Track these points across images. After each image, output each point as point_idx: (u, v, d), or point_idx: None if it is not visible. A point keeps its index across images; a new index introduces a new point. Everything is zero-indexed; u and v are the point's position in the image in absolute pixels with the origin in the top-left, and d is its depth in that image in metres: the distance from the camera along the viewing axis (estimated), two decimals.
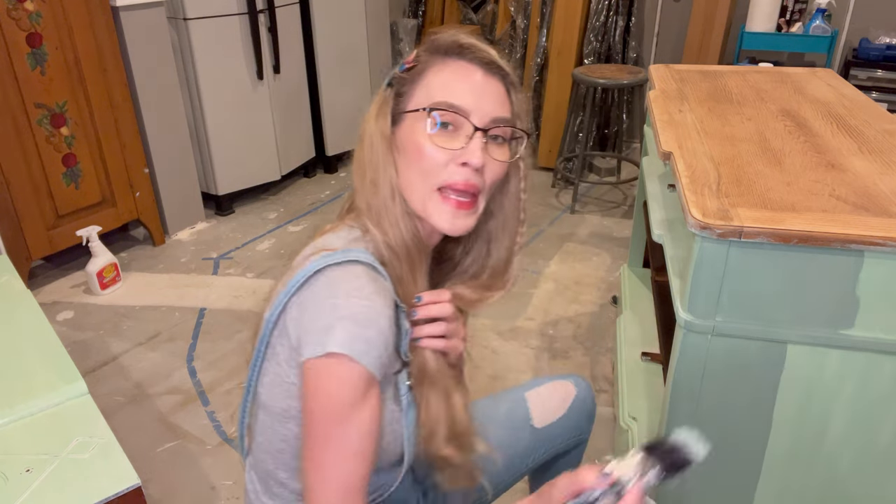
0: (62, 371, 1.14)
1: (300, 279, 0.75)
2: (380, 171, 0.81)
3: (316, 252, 0.77)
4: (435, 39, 0.83)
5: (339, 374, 0.71)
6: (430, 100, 0.80)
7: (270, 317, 0.78)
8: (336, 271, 0.74)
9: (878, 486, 1.16)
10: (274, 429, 0.82)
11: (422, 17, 4.00)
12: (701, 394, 1.13)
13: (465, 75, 0.80)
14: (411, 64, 0.83)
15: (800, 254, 0.99)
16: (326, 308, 0.72)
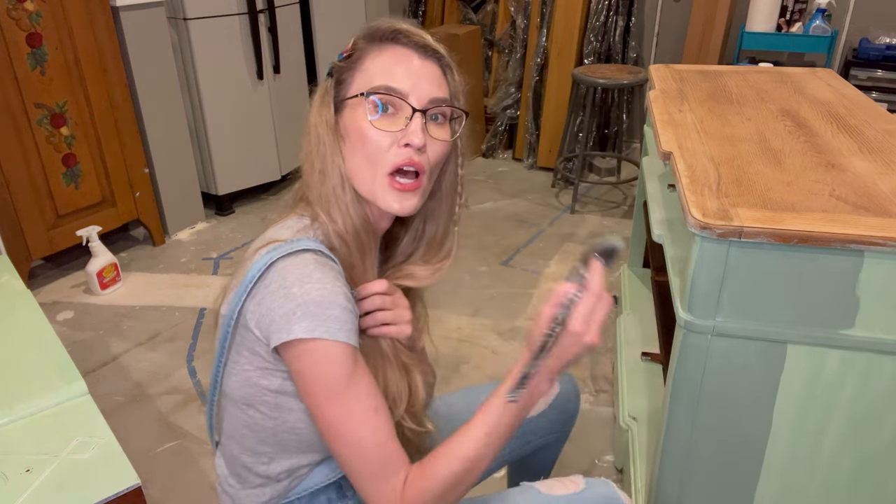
0: (62, 371, 1.14)
1: (254, 275, 0.77)
2: (327, 160, 0.83)
3: (265, 244, 0.79)
4: (371, 26, 0.85)
5: (323, 358, 0.74)
6: (368, 85, 0.81)
7: (230, 314, 0.80)
8: (285, 262, 0.76)
9: (878, 486, 1.16)
10: (237, 416, 0.86)
11: (422, 17, 4.00)
12: (701, 394, 1.13)
13: (401, 59, 0.82)
14: (349, 52, 0.84)
15: (800, 254, 0.99)
16: (281, 298, 0.74)
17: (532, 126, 3.62)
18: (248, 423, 0.86)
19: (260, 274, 0.77)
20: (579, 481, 0.99)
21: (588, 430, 1.82)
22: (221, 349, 0.83)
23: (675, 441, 1.18)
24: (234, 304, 0.79)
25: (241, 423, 0.87)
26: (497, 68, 3.85)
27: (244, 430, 0.87)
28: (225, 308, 0.82)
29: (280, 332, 0.74)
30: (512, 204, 3.24)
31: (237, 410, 0.86)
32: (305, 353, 0.74)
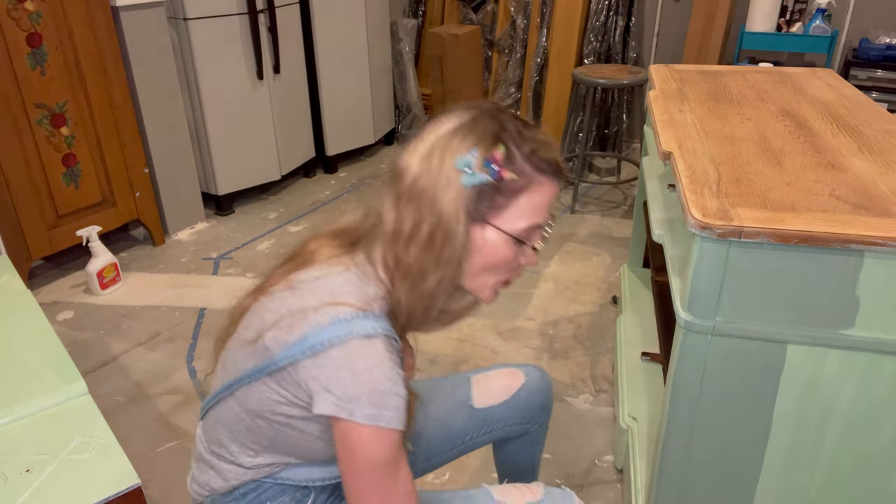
0: (62, 371, 1.14)
1: (322, 342, 0.76)
2: (442, 267, 0.81)
3: (330, 304, 0.78)
4: (539, 156, 0.81)
5: (373, 441, 0.77)
6: (524, 221, 0.82)
7: (280, 359, 0.80)
8: (359, 344, 0.77)
9: (878, 486, 1.16)
10: (240, 417, 0.87)
11: (422, 17, 4.01)
12: (701, 394, 1.13)
13: (552, 195, 0.85)
14: (509, 178, 0.80)
15: (800, 254, 0.99)
16: (348, 379, 0.76)
17: None
18: (249, 427, 0.87)
19: (328, 343, 0.77)
20: (538, 490, 1.00)
21: (588, 430, 1.82)
22: (254, 373, 0.83)
23: (675, 441, 1.18)
24: (288, 354, 0.79)
25: (242, 424, 0.88)
26: (497, 68, 3.85)
27: (241, 429, 0.88)
28: (273, 345, 0.81)
29: (340, 410, 0.76)
30: None
31: (243, 413, 0.87)
32: (358, 434, 0.77)
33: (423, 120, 3.88)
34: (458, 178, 0.78)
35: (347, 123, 3.57)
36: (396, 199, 0.81)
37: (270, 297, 0.85)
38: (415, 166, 0.80)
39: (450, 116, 0.83)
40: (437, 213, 0.79)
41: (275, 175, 3.26)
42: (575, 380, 2.01)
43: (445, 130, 0.81)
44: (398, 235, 0.81)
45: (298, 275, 0.85)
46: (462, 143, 0.79)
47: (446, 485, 1.65)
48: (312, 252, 0.88)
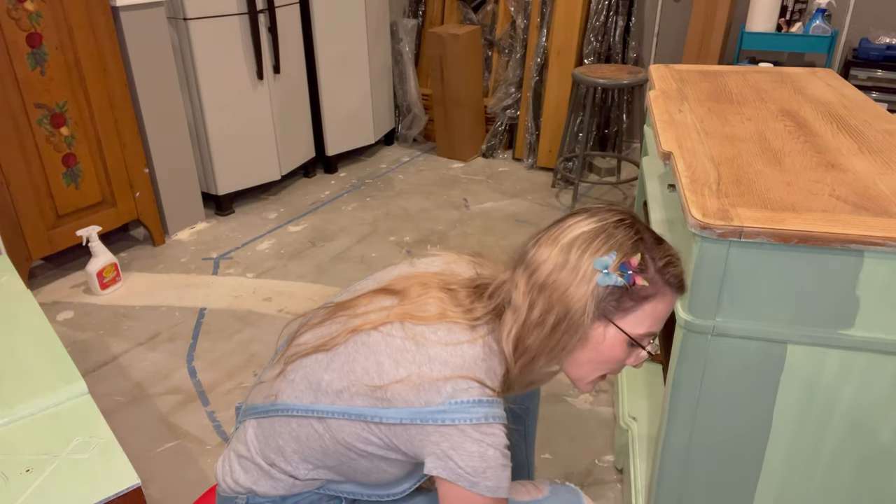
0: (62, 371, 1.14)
1: (451, 418, 0.81)
2: (557, 352, 0.87)
3: (462, 378, 0.83)
4: (669, 269, 0.87)
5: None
6: (644, 327, 0.87)
7: (396, 416, 0.84)
8: (489, 429, 0.82)
9: (878, 486, 1.16)
10: (322, 440, 0.90)
11: (422, 17, 4.00)
12: (701, 394, 1.13)
13: (670, 306, 0.90)
14: (641, 284, 0.85)
15: (800, 254, 0.99)
16: (479, 456, 0.82)
17: (532, 126, 3.62)
18: (326, 449, 0.90)
19: (448, 421, 0.82)
20: (544, 488, 1.02)
21: (588, 430, 1.82)
22: (362, 415, 0.85)
23: (675, 441, 1.18)
24: (415, 415, 0.83)
25: (319, 444, 0.90)
26: (497, 68, 3.85)
27: (316, 448, 0.91)
28: (395, 399, 0.84)
29: (461, 479, 0.82)
30: (512, 204, 3.24)
31: (327, 438, 0.89)
32: (471, 501, 0.83)
33: (423, 120, 3.88)
34: (593, 276, 0.83)
35: (347, 123, 3.57)
36: (530, 286, 0.85)
37: (384, 339, 0.87)
38: (553, 258, 0.85)
39: (593, 217, 0.87)
40: (567, 305, 0.84)
41: (275, 175, 3.26)
42: None
43: (588, 230, 0.85)
44: (526, 320, 0.85)
45: (420, 326, 0.87)
46: (603, 245, 0.84)
47: None
48: (427, 297, 0.89)
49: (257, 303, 2.44)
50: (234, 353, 2.17)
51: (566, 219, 0.90)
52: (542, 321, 0.84)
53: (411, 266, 1.00)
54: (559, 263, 0.84)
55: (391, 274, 0.99)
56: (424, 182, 3.51)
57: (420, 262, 1.01)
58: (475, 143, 3.82)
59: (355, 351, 0.88)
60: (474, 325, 0.88)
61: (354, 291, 0.98)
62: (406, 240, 2.90)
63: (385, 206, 3.23)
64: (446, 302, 0.89)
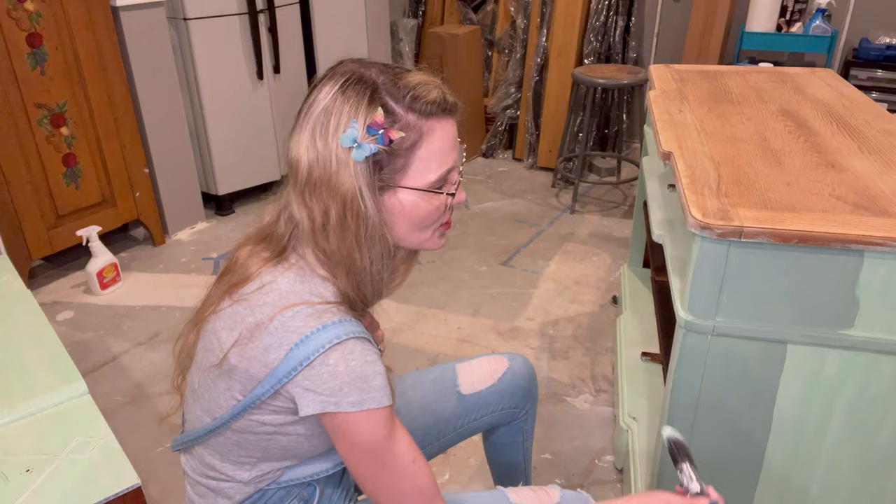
0: (62, 371, 1.14)
1: (299, 362, 0.77)
2: (367, 244, 0.80)
3: (286, 308, 0.78)
4: (421, 101, 0.78)
5: (367, 423, 0.78)
6: (432, 173, 0.80)
7: (269, 385, 0.79)
8: (333, 351, 0.77)
9: (878, 486, 1.16)
10: (227, 438, 0.87)
11: (422, 17, 4.00)
12: (701, 394, 1.13)
13: (449, 133, 0.82)
14: (398, 136, 0.77)
15: (800, 254, 0.99)
16: (329, 375, 0.77)
17: (532, 126, 3.62)
18: (237, 443, 0.87)
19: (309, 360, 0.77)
20: (555, 493, 0.99)
21: (588, 430, 1.82)
22: (250, 403, 0.82)
23: None
24: (275, 378, 0.78)
25: (229, 443, 0.87)
26: (497, 68, 3.85)
27: (230, 447, 0.88)
28: (246, 364, 0.80)
29: (326, 405, 0.77)
30: (512, 204, 3.24)
31: (229, 433, 0.87)
32: (353, 421, 0.78)
33: None
34: (348, 155, 0.76)
35: None
36: (300, 193, 0.80)
37: (219, 317, 0.84)
38: (304, 154, 0.78)
39: (319, 90, 0.79)
40: (340, 197, 0.77)
41: (275, 175, 3.26)
42: (575, 380, 2.01)
43: (319, 109, 0.77)
44: (314, 229, 0.80)
45: (241, 288, 0.83)
46: (340, 118, 0.76)
47: (446, 485, 1.65)
48: (245, 263, 0.86)
49: None
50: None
51: (308, 94, 0.81)
52: (327, 222, 0.78)
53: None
54: (312, 158, 0.77)
55: None
56: None
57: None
58: (475, 142, 3.82)
59: (203, 345, 0.87)
60: (281, 259, 0.84)
61: None
62: None
63: None
64: (261, 254, 0.86)
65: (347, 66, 0.80)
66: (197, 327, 0.90)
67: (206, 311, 0.88)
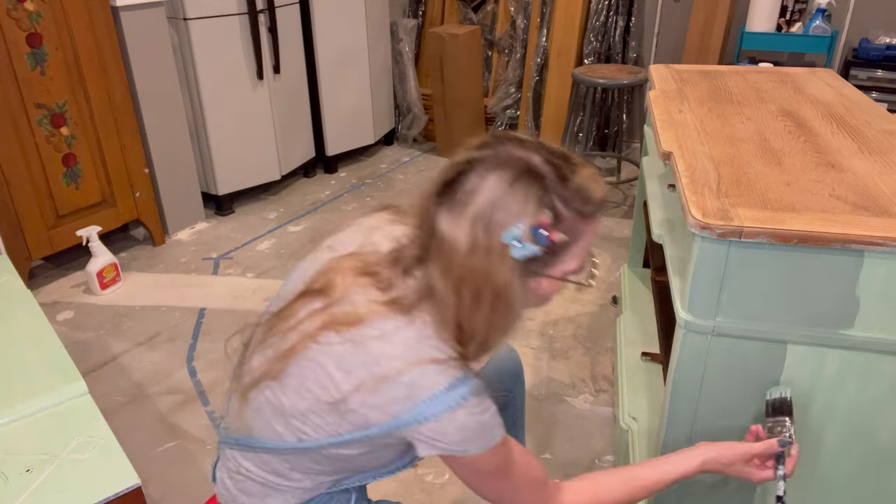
0: (62, 371, 1.14)
1: (424, 417, 0.79)
2: (507, 322, 0.82)
3: (416, 365, 0.79)
4: (586, 203, 0.79)
5: (492, 456, 0.85)
6: (574, 263, 0.83)
7: (383, 430, 0.82)
8: (458, 412, 0.80)
9: (878, 486, 1.16)
10: (312, 458, 0.89)
11: (422, 17, 4.00)
12: (701, 394, 1.13)
13: (597, 229, 0.84)
14: (560, 239, 0.78)
15: (800, 254, 0.99)
16: (456, 430, 0.81)
17: (532, 126, 3.62)
18: (318, 460, 0.89)
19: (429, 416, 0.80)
20: None
21: (588, 430, 1.82)
22: (351, 441, 0.84)
23: (675, 441, 1.18)
24: (394, 426, 0.81)
25: (311, 459, 0.89)
26: (497, 68, 3.85)
27: (308, 462, 0.90)
28: (366, 411, 0.81)
29: (452, 451, 0.82)
30: None
31: (319, 458, 0.89)
32: (476, 461, 0.84)
33: (423, 120, 3.88)
34: (506, 251, 0.76)
35: (347, 123, 3.57)
36: (448, 273, 0.78)
37: (326, 351, 0.83)
38: (462, 240, 0.76)
39: (483, 176, 0.77)
40: (492, 286, 0.77)
41: (275, 175, 3.26)
42: (575, 380, 2.01)
43: (484, 201, 0.76)
44: (459, 309, 0.80)
45: (352, 329, 0.82)
46: (506, 215, 0.75)
47: (446, 485, 1.65)
48: (349, 296, 0.84)
49: (257, 303, 2.44)
50: (235, 353, 2.16)
51: (461, 178, 0.78)
52: (474, 307, 0.79)
53: (331, 250, 0.94)
54: (469, 246, 0.76)
55: (314, 265, 0.94)
56: (424, 182, 3.51)
57: (338, 241, 0.95)
58: None
59: (303, 369, 0.85)
60: (403, 306, 0.83)
61: (286, 295, 0.95)
62: None
63: None
64: (369, 289, 0.85)
65: (513, 151, 0.78)
66: (283, 347, 0.87)
67: (298, 331, 0.86)
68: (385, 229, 0.93)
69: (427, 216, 0.80)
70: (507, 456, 0.87)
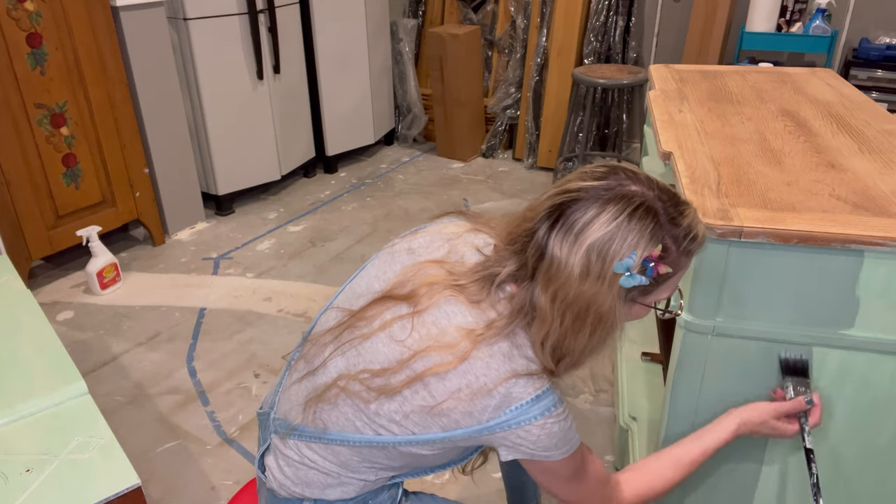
0: (62, 371, 1.14)
1: (515, 424, 0.84)
2: (601, 346, 0.86)
3: (510, 379, 0.83)
4: (692, 241, 0.83)
5: (571, 461, 0.90)
6: (666, 292, 0.87)
7: (467, 433, 0.86)
8: (545, 421, 0.85)
9: (878, 486, 1.16)
10: (388, 453, 0.91)
11: (422, 17, 4.00)
12: (701, 394, 1.13)
13: (691, 263, 0.90)
14: (665, 271, 0.83)
15: (800, 254, 0.99)
16: (545, 435, 0.86)
17: (532, 126, 3.62)
18: (389, 455, 0.91)
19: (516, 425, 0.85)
20: None
21: (588, 429, 1.82)
22: (435, 440, 0.87)
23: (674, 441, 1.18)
24: (479, 430, 0.85)
25: (382, 452, 0.91)
26: (497, 68, 3.85)
27: (382, 457, 0.92)
28: (455, 415, 0.85)
29: (535, 455, 0.87)
30: (512, 204, 3.24)
31: (395, 455, 0.91)
32: (557, 466, 0.89)
33: (423, 120, 3.88)
34: (616, 279, 0.80)
35: (347, 123, 3.57)
36: (554, 296, 0.82)
37: (422, 359, 0.87)
38: (576, 267, 0.80)
39: (602, 210, 0.80)
40: (597, 311, 0.82)
41: (275, 175, 3.26)
42: (575, 380, 2.01)
43: (604, 232, 0.80)
44: (561, 331, 0.83)
45: (453, 343, 0.85)
46: (622, 246, 0.80)
47: (446, 485, 1.65)
48: (441, 307, 0.87)
49: (257, 303, 2.44)
50: (234, 353, 2.16)
51: (577, 206, 0.81)
52: (576, 329, 0.83)
53: (411, 254, 0.96)
54: (582, 273, 0.80)
55: (392, 267, 0.96)
56: (424, 182, 3.51)
57: (419, 245, 0.97)
58: (475, 143, 3.82)
59: (384, 354, 0.89)
60: (498, 321, 0.86)
61: (360, 293, 0.96)
62: None
63: (385, 206, 3.23)
64: (459, 301, 0.87)
65: (629, 186, 0.82)
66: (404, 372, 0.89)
67: (381, 332, 0.89)
68: (466, 238, 0.96)
69: (535, 238, 0.83)
70: (582, 459, 0.92)
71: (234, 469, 1.73)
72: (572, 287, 0.81)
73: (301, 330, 2.27)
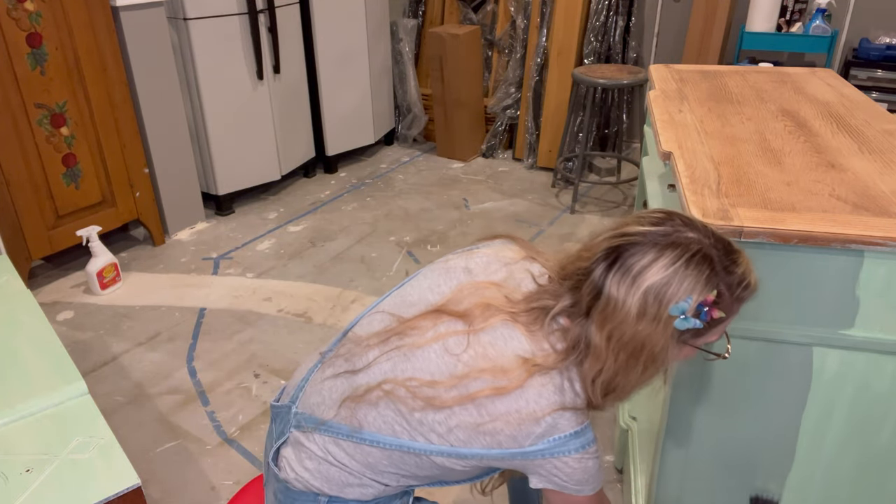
0: (62, 371, 1.14)
1: (551, 452, 0.88)
2: (646, 383, 0.90)
3: (557, 411, 0.86)
4: (745, 290, 0.86)
5: (593, 498, 0.93)
6: (716, 336, 0.89)
7: (505, 454, 0.88)
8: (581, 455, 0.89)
9: (878, 486, 1.16)
10: (420, 463, 0.93)
11: (422, 17, 4.00)
12: (701, 394, 1.13)
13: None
14: (718, 316, 0.85)
15: (800, 254, 0.99)
16: (581, 471, 0.89)
17: (532, 126, 3.62)
18: (419, 464, 0.93)
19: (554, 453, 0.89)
20: None
21: None
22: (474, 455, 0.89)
23: (675, 441, 1.18)
24: (519, 454, 0.88)
25: (415, 464, 0.93)
26: (497, 68, 3.85)
27: (411, 465, 0.93)
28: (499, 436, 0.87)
29: (565, 489, 0.90)
30: (512, 204, 3.24)
31: (426, 465, 0.92)
32: (582, 500, 0.92)
33: (423, 120, 3.88)
34: (671, 321, 0.83)
35: (347, 123, 3.57)
36: (611, 332, 0.84)
37: (476, 379, 0.89)
38: (633, 308, 0.83)
39: (660, 256, 0.83)
40: (650, 351, 0.85)
41: (275, 175, 3.26)
42: None
43: (661, 275, 0.82)
44: (615, 369, 0.86)
45: (508, 373, 0.88)
46: (678, 290, 0.82)
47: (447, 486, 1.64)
48: (491, 324, 0.90)
49: (257, 303, 2.44)
50: (234, 353, 2.17)
51: (635, 250, 0.84)
52: (629, 367, 0.86)
53: (468, 272, 0.98)
54: (638, 313, 0.83)
55: (447, 282, 0.97)
56: (424, 182, 3.51)
57: (476, 265, 0.99)
58: (475, 143, 3.82)
59: (439, 370, 0.90)
60: (552, 353, 0.89)
61: (412, 302, 0.97)
62: (406, 240, 2.90)
63: (385, 206, 3.23)
64: (514, 327, 0.90)
65: (686, 233, 0.85)
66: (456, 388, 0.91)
67: (434, 343, 0.91)
68: (523, 265, 0.98)
69: (591, 277, 0.86)
70: (603, 497, 0.97)
71: (234, 469, 1.73)
72: (628, 327, 0.83)
73: (301, 330, 2.27)
